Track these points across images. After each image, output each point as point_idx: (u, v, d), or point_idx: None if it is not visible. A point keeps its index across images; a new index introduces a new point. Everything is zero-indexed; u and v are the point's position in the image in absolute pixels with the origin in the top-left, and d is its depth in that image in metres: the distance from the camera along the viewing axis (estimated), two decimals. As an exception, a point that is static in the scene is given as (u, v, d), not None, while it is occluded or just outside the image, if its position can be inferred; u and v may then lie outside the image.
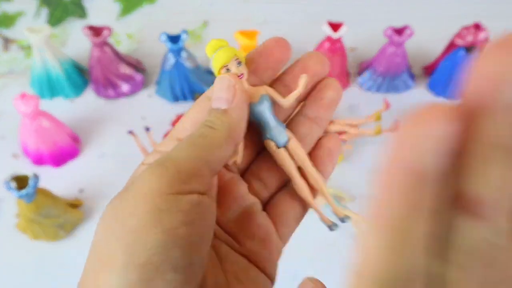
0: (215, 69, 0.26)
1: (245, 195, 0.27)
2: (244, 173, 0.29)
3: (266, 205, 0.29)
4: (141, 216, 0.20)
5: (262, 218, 0.28)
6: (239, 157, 0.28)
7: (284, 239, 0.29)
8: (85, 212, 0.63)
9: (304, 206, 0.29)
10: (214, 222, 0.23)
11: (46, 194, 0.58)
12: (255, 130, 0.28)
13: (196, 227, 0.21)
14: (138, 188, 0.21)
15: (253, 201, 0.28)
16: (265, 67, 0.28)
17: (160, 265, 0.20)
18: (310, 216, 0.67)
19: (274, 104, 0.27)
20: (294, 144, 0.27)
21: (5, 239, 0.61)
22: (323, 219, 0.31)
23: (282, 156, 0.27)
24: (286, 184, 0.29)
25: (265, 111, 0.27)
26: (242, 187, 0.28)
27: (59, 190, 0.63)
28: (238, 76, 0.26)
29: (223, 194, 0.26)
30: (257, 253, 0.27)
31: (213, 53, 0.27)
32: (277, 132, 0.27)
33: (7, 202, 0.64)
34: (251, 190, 0.28)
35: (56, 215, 0.59)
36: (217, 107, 0.25)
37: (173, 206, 0.20)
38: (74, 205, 0.62)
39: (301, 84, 0.27)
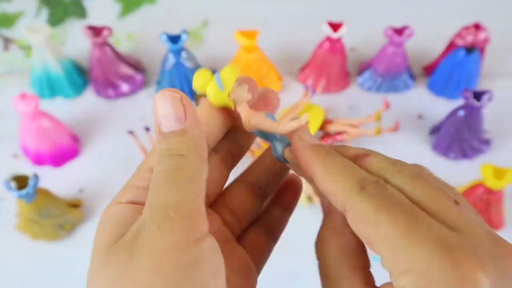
0: (228, 86, 0.24)
1: (221, 229, 0.27)
2: (212, 205, 0.28)
3: (239, 240, 0.28)
4: (168, 276, 0.19)
5: (241, 252, 0.27)
6: None
7: (258, 273, 0.28)
8: (85, 212, 0.63)
9: (274, 240, 0.29)
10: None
11: (46, 194, 0.58)
12: (222, 159, 0.27)
13: (218, 278, 0.21)
14: (150, 246, 0.20)
15: (229, 236, 0.27)
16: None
17: None
18: (310, 216, 0.67)
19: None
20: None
21: (5, 239, 0.61)
22: None
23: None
24: (257, 219, 0.29)
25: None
26: (217, 221, 0.26)
27: (59, 190, 0.63)
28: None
29: None
30: (243, 287, 0.26)
31: (202, 87, 0.25)
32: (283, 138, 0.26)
33: (7, 202, 0.64)
34: (225, 223, 0.27)
35: (56, 215, 0.59)
36: (169, 129, 0.22)
37: (197, 259, 0.20)
38: (74, 205, 0.62)
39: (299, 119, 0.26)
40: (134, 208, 0.23)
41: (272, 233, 0.29)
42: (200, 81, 0.24)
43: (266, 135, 0.26)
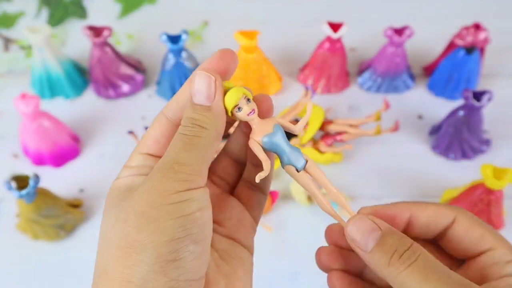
0: (227, 110, 0.28)
1: (212, 187, 0.32)
2: None
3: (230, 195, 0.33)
4: (161, 208, 0.25)
5: (233, 201, 0.32)
6: None
7: (256, 221, 0.33)
8: (86, 212, 0.63)
9: (264, 193, 0.33)
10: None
11: (46, 194, 0.58)
12: None
13: (205, 211, 0.26)
14: (151, 186, 0.25)
15: (220, 190, 0.33)
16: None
17: (183, 240, 0.25)
18: (310, 217, 0.67)
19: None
20: (312, 165, 0.30)
21: (6, 239, 0.62)
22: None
23: (303, 178, 0.29)
24: (241, 177, 0.33)
25: (280, 140, 0.28)
26: (208, 183, 0.32)
27: (59, 190, 0.63)
28: (250, 112, 0.28)
29: None
30: (236, 231, 0.32)
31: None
32: (295, 157, 0.29)
33: (7, 202, 0.64)
34: (214, 183, 0.33)
35: (56, 215, 0.59)
36: (199, 102, 0.27)
37: (188, 199, 0.25)
38: (75, 205, 0.63)
39: (309, 110, 0.29)
40: (139, 176, 0.29)
41: (258, 187, 0.33)
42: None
43: (277, 150, 0.29)
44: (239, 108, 0.28)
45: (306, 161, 0.29)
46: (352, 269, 0.32)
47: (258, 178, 0.28)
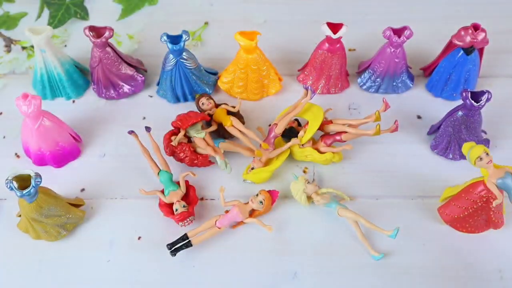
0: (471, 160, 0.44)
1: None
2: None
3: None
4: None
5: None
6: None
7: None
8: (87, 211, 0.64)
9: None
10: None
11: (47, 193, 0.58)
12: None
13: None
14: None
15: None
16: None
17: None
18: (310, 217, 0.67)
19: None
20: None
21: (7, 238, 0.62)
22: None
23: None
24: None
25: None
26: None
27: (60, 190, 0.63)
28: (488, 162, 0.48)
29: None
30: None
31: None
32: None
33: (9, 201, 0.64)
34: None
35: (58, 215, 0.59)
36: None
37: None
38: (76, 204, 0.63)
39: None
40: None
41: None
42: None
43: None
44: (481, 159, 0.52)
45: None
46: None
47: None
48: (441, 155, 0.67)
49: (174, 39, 0.67)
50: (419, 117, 0.72)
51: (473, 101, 0.60)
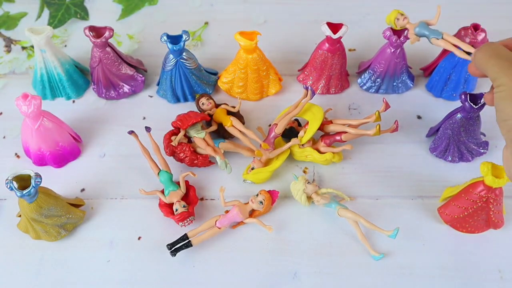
0: None
1: None
2: None
3: None
4: None
5: None
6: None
7: None
8: (87, 211, 0.64)
9: None
10: None
11: (47, 193, 0.58)
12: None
13: None
14: None
15: None
16: None
17: None
18: (310, 217, 0.67)
19: None
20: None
21: (6, 239, 0.62)
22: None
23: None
24: None
25: None
26: None
27: (60, 190, 0.63)
28: (404, 19, 0.49)
29: None
30: None
31: None
32: None
33: (9, 201, 0.64)
34: None
35: (58, 215, 0.59)
36: None
37: None
38: (76, 204, 0.63)
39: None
40: None
41: None
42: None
43: None
44: None
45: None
46: None
47: None
48: (440, 158, 0.67)
49: (174, 39, 0.67)
50: (419, 117, 0.72)
51: (472, 104, 0.60)
